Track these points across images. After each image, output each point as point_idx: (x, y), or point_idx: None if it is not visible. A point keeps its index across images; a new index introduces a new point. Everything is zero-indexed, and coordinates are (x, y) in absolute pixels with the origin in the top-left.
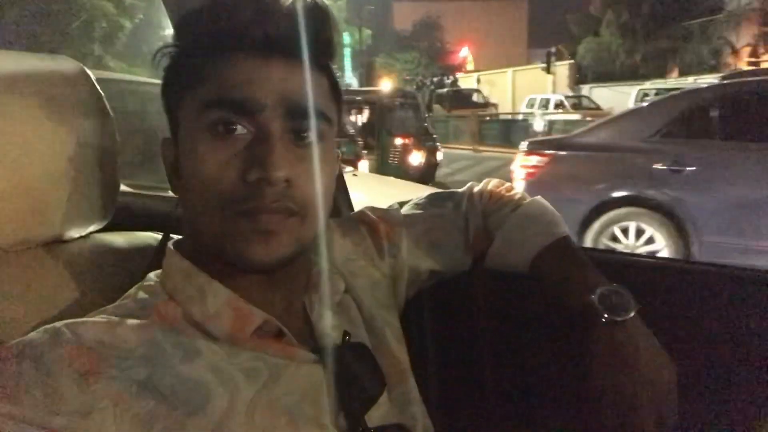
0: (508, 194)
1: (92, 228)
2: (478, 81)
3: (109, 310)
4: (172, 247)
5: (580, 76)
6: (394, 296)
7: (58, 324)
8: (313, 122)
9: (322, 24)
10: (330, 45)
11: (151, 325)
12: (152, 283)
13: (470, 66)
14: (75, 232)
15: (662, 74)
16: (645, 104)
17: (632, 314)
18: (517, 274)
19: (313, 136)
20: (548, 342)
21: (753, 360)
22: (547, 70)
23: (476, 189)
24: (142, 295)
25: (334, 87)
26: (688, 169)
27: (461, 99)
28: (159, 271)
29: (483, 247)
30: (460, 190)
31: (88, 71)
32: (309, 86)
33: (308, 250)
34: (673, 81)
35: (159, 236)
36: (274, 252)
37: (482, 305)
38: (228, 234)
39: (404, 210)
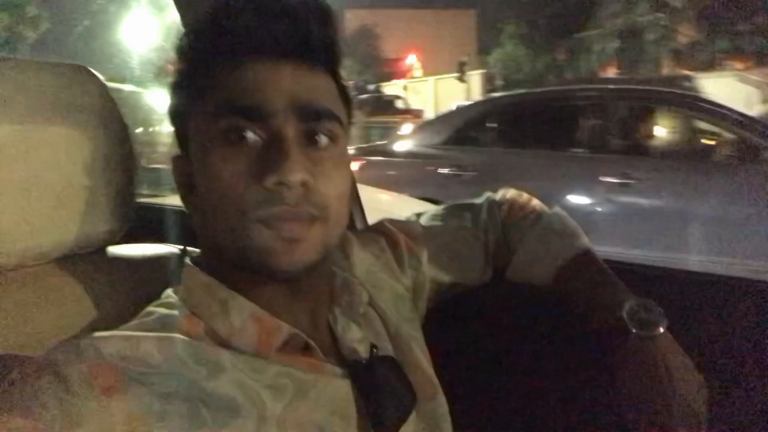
0: (527, 205)
1: (108, 240)
2: (405, 88)
3: (131, 327)
4: (190, 262)
5: (490, 85)
6: (416, 310)
7: (80, 339)
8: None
9: (328, 27)
10: (335, 46)
11: (174, 341)
12: (172, 299)
13: (418, 73)
14: (90, 246)
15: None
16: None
17: (662, 329)
18: (539, 288)
19: (324, 139)
20: (574, 357)
21: None
22: (460, 79)
23: (495, 199)
24: (163, 311)
25: (342, 90)
26: (467, 173)
27: (382, 105)
28: (178, 287)
29: (503, 260)
30: (478, 200)
31: (103, 80)
32: (319, 88)
33: (331, 259)
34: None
35: (175, 248)
36: (300, 259)
37: (504, 318)
38: (251, 244)
39: (422, 221)
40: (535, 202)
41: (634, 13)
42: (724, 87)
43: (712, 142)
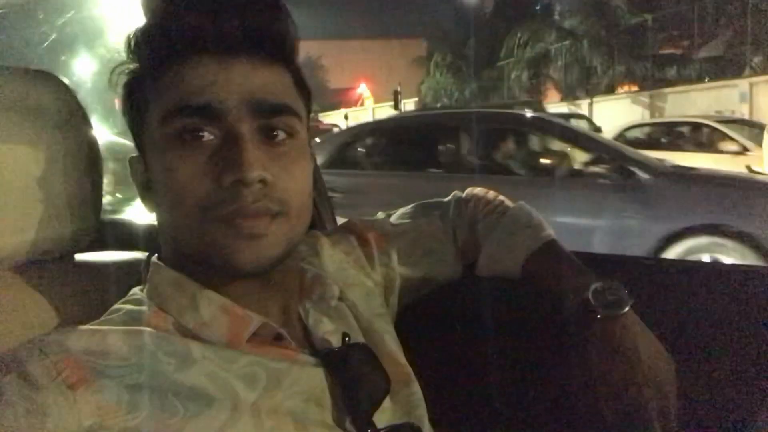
0: (493, 201)
1: (74, 247)
2: (345, 117)
3: (98, 323)
4: (156, 259)
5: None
6: (386, 305)
7: (44, 336)
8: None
9: (276, 18)
10: (287, 38)
11: (142, 334)
12: (139, 296)
13: (369, 101)
14: (55, 252)
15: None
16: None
17: (627, 309)
18: (508, 280)
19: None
20: (544, 344)
21: (748, 355)
22: (395, 107)
23: (462, 197)
24: (129, 307)
25: (299, 82)
26: (336, 195)
27: (318, 133)
28: (145, 285)
29: (472, 255)
30: (446, 199)
31: (68, 85)
32: (274, 83)
33: (297, 254)
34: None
35: (144, 255)
36: (264, 254)
37: (476, 312)
38: (212, 243)
39: (392, 220)
40: (501, 198)
41: (544, 42)
42: (621, 107)
43: (558, 159)
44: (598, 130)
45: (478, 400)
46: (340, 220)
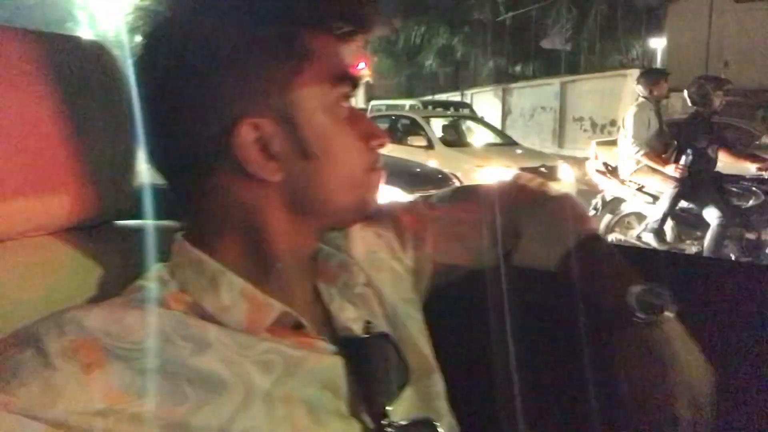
0: (537, 189)
1: (112, 214)
2: None
3: (117, 302)
4: (181, 237)
5: (370, 94)
6: (416, 291)
7: (63, 312)
8: None
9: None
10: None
11: (159, 315)
12: (161, 273)
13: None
14: (94, 219)
15: (434, 91)
16: None
17: (669, 314)
18: (546, 272)
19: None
20: (578, 343)
21: None
22: None
23: (505, 184)
24: (150, 285)
25: None
26: None
27: None
28: (168, 263)
29: (510, 244)
30: (487, 184)
31: (110, 51)
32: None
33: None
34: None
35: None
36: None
37: (509, 302)
38: (366, 188)
39: (430, 203)
40: (545, 187)
41: (441, 36)
42: (488, 99)
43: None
44: (476, 117)
45: (502, 394)
46: None
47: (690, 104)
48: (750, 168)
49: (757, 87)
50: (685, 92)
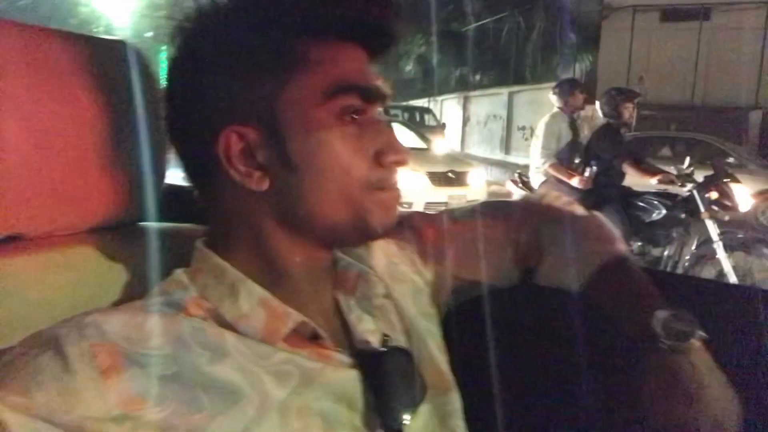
0: (563, 207)
1: (138, 216)
2: None
3: (137, 305)
4: (201, 243)
5: None
6: (436, 305)
7: (84, 316)
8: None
9: (393, 12)
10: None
11: (179, 323)
12: (182, 279)
13: None
14: (121, 220)
15: (412, 97)
16: None
17: (696, 342)
18: (569, 293)
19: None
20: (600, 366)
21: None
22: None
23: (531, 200)
24: (171, 290)
25: None
26: None
27: None
28: (189, 268)
29: (534, 261)
30: (514, 200)
31: (142, 52)
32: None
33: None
34: None
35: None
36: (394, 219)
37: (529, 322)
38: (368, 207)
39: (452, 217)
40: (573, 205)
41: (416, 44)
42: (453, 106)
43: None
44: (406, 122)
45: (520, 416)
46: None
47: (602, 116)
48: (652, 182)
49: (673, 103)
50: (597, 104)
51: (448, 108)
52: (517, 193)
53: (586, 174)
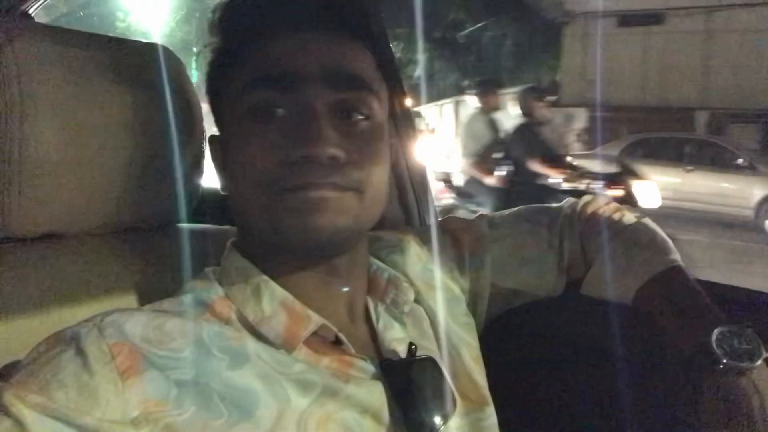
0: (612, 214)
1: (174, 217)
2: None
3: (164, 305)
4: (231, 244)
5: None
6: (473, 314)
7: (106, 315)
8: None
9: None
10: (368, 18)
11: (201, 325)
12: (210, 279)
13: None
14: (155, 221)
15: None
16: None
17: (759, 362)
18: (618, 305)
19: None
20: (650, 385)
21: None
22: None
23: (576, 205)
24: (198, 290)
25: (384, 63)
26: None
27: None
28: (218, 268)
29: (579, 271)
30: (557, 205)
31: (179, 58)
32: (354, 58)
33: (366, 244)
34: None
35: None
36: (330, 222)
37: (574, 336)
38: (277, 213)
39: (492, 222)
40: (621, 212)
41: (409, 50)
42: (447, 112)
43: None
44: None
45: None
46: None
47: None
48: (559, 180)
49: (627, 104)
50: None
51: (446, 112)
52: (443, 193)
53: (502, 172)
